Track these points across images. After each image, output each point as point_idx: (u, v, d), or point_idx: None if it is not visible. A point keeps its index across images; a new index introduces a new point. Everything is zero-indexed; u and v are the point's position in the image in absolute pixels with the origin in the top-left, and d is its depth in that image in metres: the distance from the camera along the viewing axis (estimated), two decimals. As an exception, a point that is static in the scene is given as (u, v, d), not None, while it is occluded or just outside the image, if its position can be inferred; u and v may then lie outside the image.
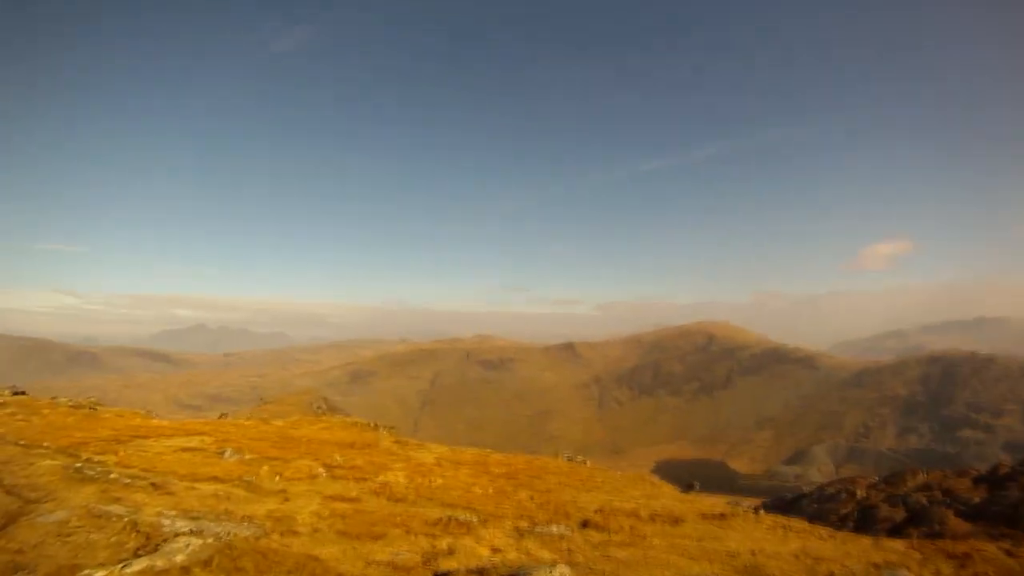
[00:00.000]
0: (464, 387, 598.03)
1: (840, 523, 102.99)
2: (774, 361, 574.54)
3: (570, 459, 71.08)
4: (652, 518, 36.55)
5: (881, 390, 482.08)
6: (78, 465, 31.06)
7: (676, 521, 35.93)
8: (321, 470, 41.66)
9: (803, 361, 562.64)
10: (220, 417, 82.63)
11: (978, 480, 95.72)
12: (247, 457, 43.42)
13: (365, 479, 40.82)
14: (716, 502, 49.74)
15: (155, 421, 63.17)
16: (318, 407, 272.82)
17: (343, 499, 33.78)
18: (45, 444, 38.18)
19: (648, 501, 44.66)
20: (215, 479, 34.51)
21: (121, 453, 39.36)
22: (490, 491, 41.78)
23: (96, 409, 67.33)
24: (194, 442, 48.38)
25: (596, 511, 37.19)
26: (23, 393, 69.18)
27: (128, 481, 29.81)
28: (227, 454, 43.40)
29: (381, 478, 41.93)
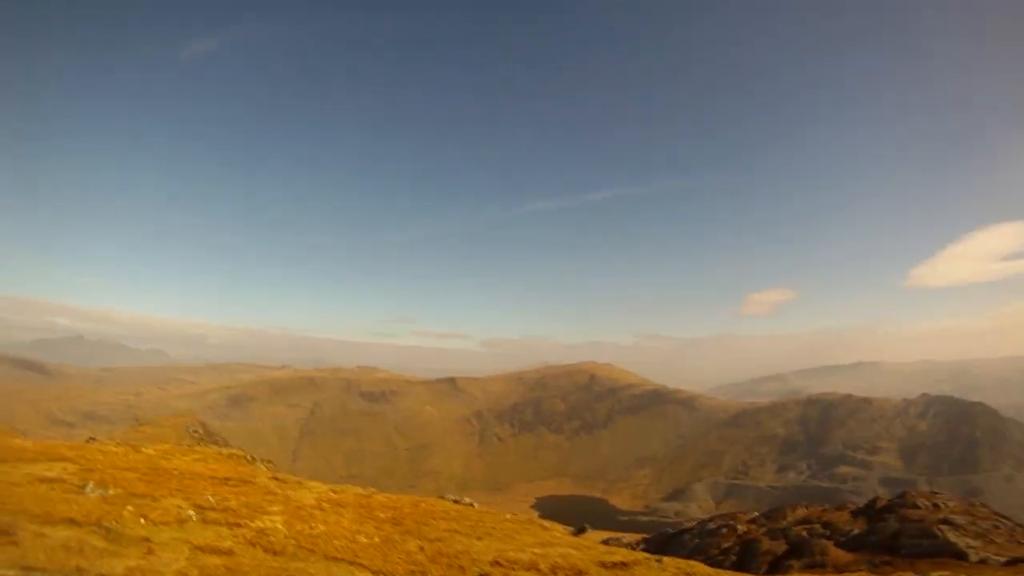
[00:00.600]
0: (344, 418, 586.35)
1: (723, 556, 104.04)
2: (655, 402, 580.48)
3: (457, 501, 66.97)
4: (553, 571, 33.24)
5: (760, 430, 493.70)
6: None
7: (579, 573, 32.67)
8: (191, 512, 36.84)
9: (683, 402, 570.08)
10: (88, 441, 75.61)
11: (856, 513, 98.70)
12: (111, 492, 37.87)
13: (240, 524, 36.35)
14: (612, 548, 46.59)
15: (18, 441, 56.59)
16: (195, 431, 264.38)
17: (215, 551, 29.80)
18: None
19: (545, 550, 41.52)
20: (71, 522, 29.40)
21: (-32, 485, 34.10)
22: (376, 540, 38.00)
23: None
24: (56, 470, 42.46)
25: (492, 563, 34.58)
26: None
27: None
28: (89, 488, 38.01)
29: (258, 524, 37.39)
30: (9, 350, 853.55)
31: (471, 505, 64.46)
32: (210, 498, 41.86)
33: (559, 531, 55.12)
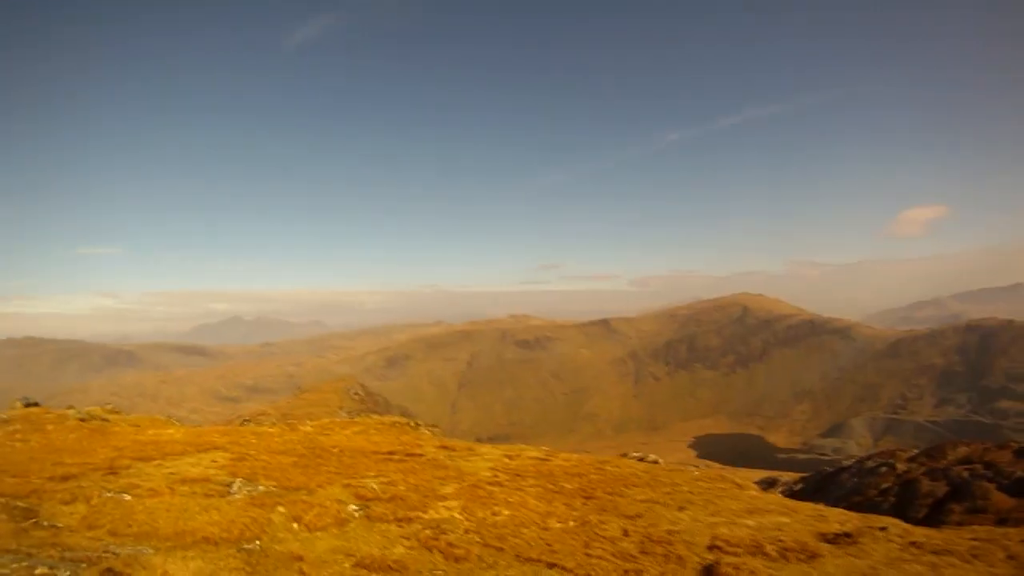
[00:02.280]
0: (500, 368, 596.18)
1: (881, 498, 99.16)
2: (810, 333, 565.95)
3: (641, 458, 64.18)
4: (783, 555, 30.07)
5: (918, 360, 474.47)
6: (17, 536, 23.75)
7: (811, 556, 29.44)
8: (353, 507, 32.15)
9: (839, 332, 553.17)
10: (243, 423, 75.40)
11: (1020, 453, 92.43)
12: (260, 489, 32.34)
13: (411, 519, 30.83)
14: (822, 511, 42.81)
15: (170, 431, 55.54)
16: (355, 393, 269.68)
17: (382, 567, 24.46)
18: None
19: (757, 520, 37.32)
20: (206, 542, 24.42)
21: (95, 501, 29.72)
22: (571, 524, 32.35)
23: (108, 420, 61.34)
24: (203, 464, 38.39)
25: (710, 547, 29.95)
26: (36, 404, 64.06)
27: (76, 563, 21.26)
28: (235, 487, 34.01)
29: (431, 514, 31.34)
30: (169, 340, 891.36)
31: (656, 462, 61.26)
32: (374, 486, 37.26)
33: (752, 489, 51.77)
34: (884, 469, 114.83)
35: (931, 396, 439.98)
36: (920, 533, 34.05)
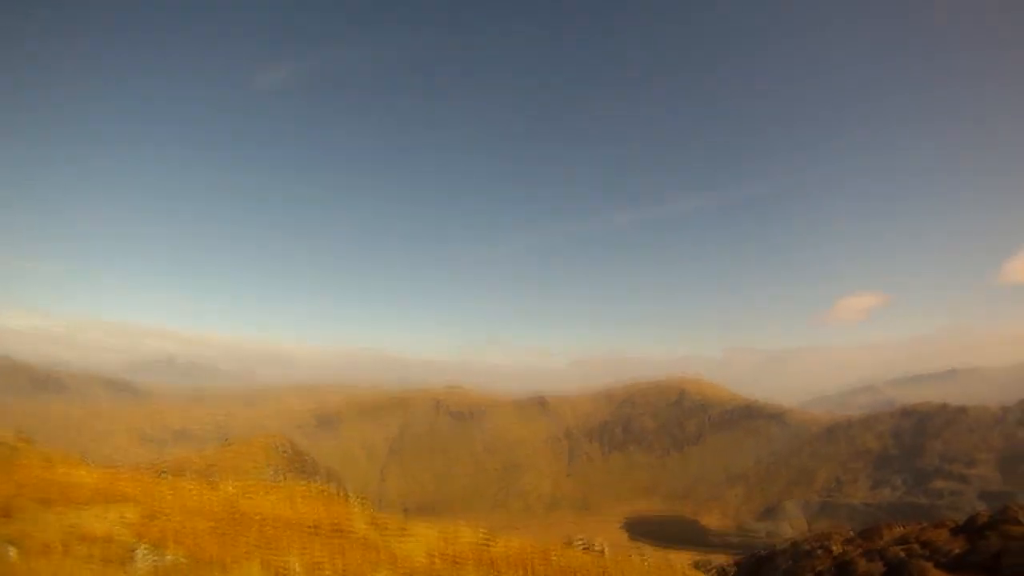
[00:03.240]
0: (433, 437, 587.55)
1: None
2: (745, 417, 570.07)
3: (586, 548, 60.38)
4: None
5: (853, 444, 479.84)
6: None
7: None
8: None
9: (774, 417, 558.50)
10: (160, 475, 69.85)
11: (956, 531, 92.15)
12: (167, 560, 26.22)
13: None
14: None
15: (82, 472, 50.14)
16: (284, 451, 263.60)
17: None
18: None
19: None
20: None
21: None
22: None
23: (18, 449, 56.18)
24: (110, 518, 33.70)
25: None
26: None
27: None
28: (139, 556, 27.75)
29: None
30: (101, 372, 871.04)
31: (602, 552, 57.77)
32: (297, 567, 31.78)
33: None
34: (819, 551, 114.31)
35: (866, 479, 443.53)
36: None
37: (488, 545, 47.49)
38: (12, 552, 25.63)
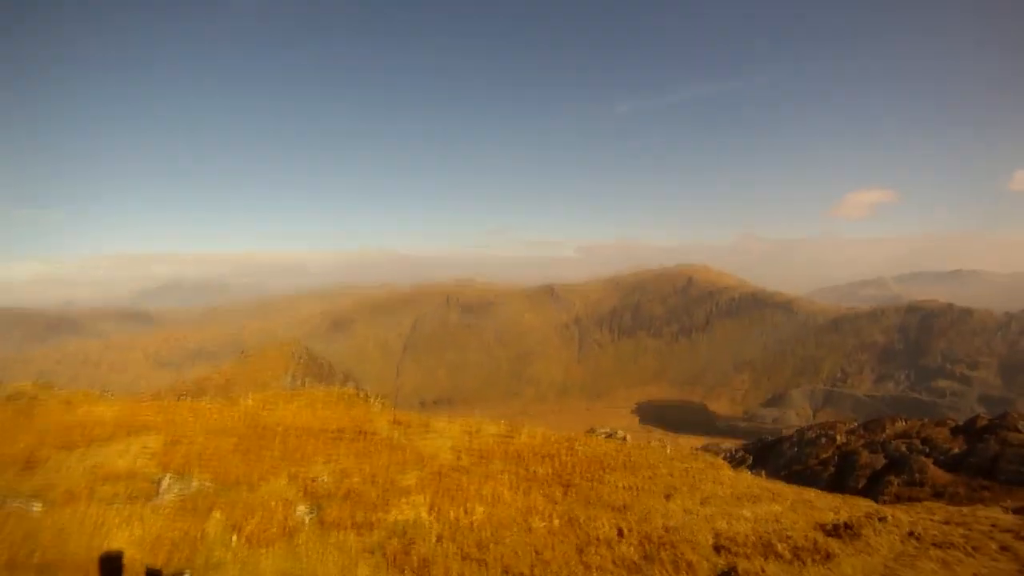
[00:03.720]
0: (445, 332, 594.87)
1: (821, 467, 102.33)
2: (753, 305, 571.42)
3: (609, 435, 61.21)
4: (796, 555, 26.78)
5: (859, 336, 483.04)
6: None
7: (827, 557, 26.39)
8: (303, 509, 26.23)
9: (782, 306, 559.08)
10: (179, 398, 69.65)
11: (956, 431, 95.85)
12: (194, 487, 26.14)
13: (372, 525, 22.94)
14: (808, 497, 40.50)
15: (102, 408, 50.48)
16: (299, 357, 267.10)
17: None
18: None
19: (752, 510, 34.18)
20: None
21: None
22: (555, 522, 28.33)
23: (38, 397, 56.86)
24: (132, 451, 33.01)
25: (717, 549, 26.92)
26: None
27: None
28: (164, 486, 28.29)
29: (394, 515, 25.75)
30: (112, 305, 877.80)
31: (624, 439, 58.37)
32: (325, 477, 30.90)
33: (726, 468, 49.15)
34: (824, 440, 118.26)
35: (871, 372, 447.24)
36: (906, 520, 32.28)
37: (512, 437, 48.00)
38: (37, 507, 25.77)
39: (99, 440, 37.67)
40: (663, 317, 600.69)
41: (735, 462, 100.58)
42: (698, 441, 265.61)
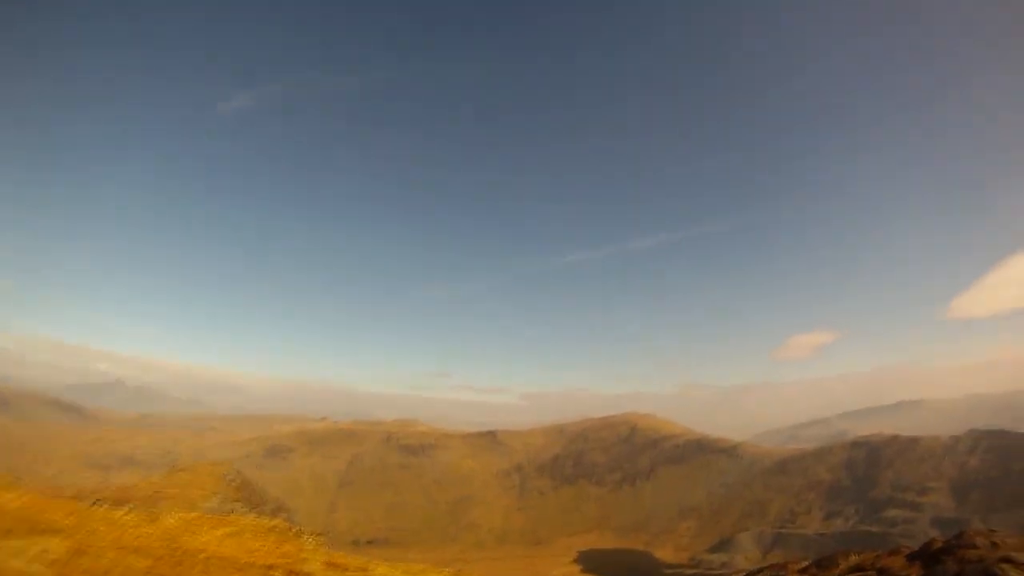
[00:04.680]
0: (383, 471, 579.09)
1: None
2: (697, 451, 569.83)
3: None
4: None
5: (806, 476, 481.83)
6: None
7: None
8: None
9: (726, 451, 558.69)
10: (93, 504, 62.27)
11: (912, 557, 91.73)
12: None
13: None
14: None
15: (9, 497, 43.99)
16: (231, 480, 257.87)
17: None
18: None
19: None
20: None
21: None
22: None
23: None
24: (30, 553, 26.66)
25: None
26: None
27: None
28: None
29: None
30: (49, 392, 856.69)
31: None
32: None
33: None
34: None
35: (819, 510, 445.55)
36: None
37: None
38: None
39: (-2, 533, 30.85)
40: (606, 465, 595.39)
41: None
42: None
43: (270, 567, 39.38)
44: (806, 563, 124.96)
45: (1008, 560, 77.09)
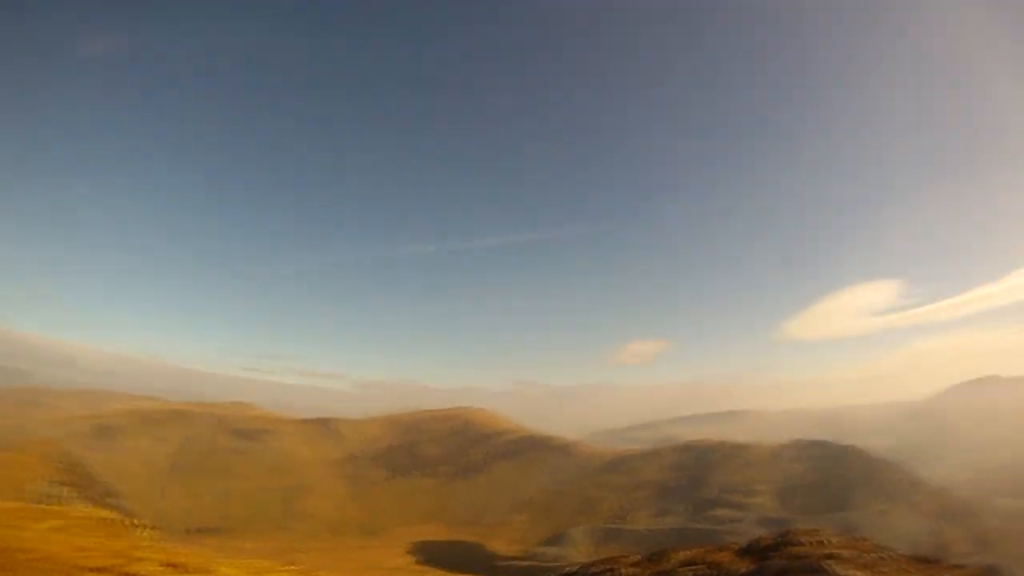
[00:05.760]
0: (216, 455, 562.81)
1: None
2: (531, 447, 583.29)
3: None
4: None
5: (636, 476, 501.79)
6: None
7: None
8: None
9: (560, 448, 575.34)
10: None
11: (741, 552, 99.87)
12: None
13: None
14: None
15: None
16: (59, 462, 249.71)
17: None
18: None
19: None
20: None
21: None
22: None
23: None
24: None
25: None
26: None
27: None
28: None
29: None
30: None
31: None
32: None
33: None
34: (608, 574, 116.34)
35: (650, 507, 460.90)
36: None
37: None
38: None
39: None
40: (440, 457, 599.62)
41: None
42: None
43: (101, 570, 36.37)
44: (638, 557, 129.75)
45: (832, 556, 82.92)
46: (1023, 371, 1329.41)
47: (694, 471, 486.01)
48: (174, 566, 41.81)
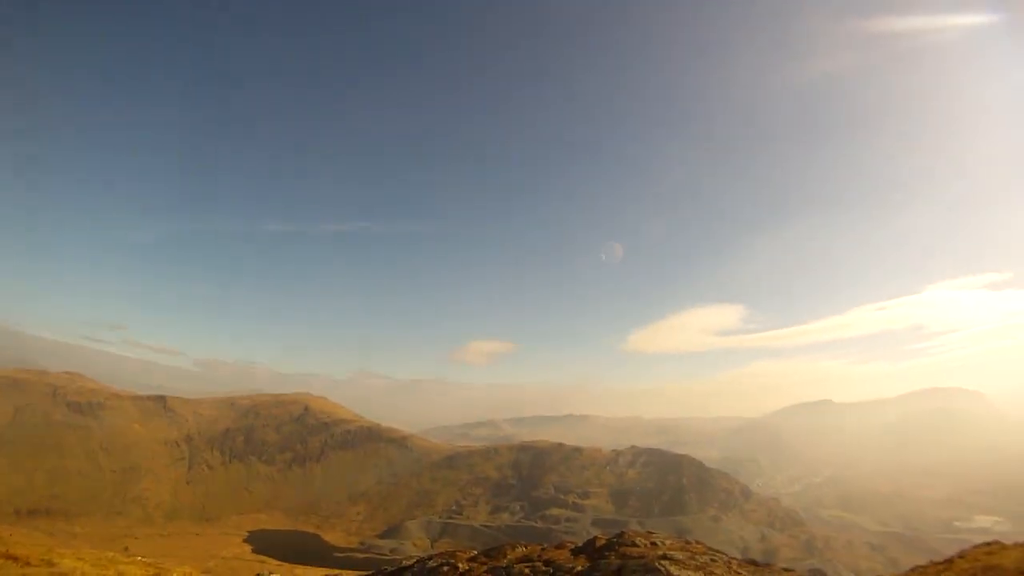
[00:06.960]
0: (48, 429, 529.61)
1: None
2: (369, 439, 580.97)
3: None
4: None
5: (473, 472, 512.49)
6: None
7: None
8: None
9: (397, 441, 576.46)
10: None
11: (577, 551, 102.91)
12: None
13: None
14: None
15: None
16: None
17: None
18: None
19: None
20: None
21: None
22: None
23: None
24: None
25: None
26: None
27: None
28: None
29: None
30: None
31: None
32: None
33: None
34: (446, 568, 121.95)
35: (486, 504, 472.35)
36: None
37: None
38: None
39: None
40: (277, 444, 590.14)
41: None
42: (319, 572, 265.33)
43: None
44: (475, 552, 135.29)
45: (667, 558, 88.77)
46: (854, 398, 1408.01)
47: (530, 470, 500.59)
48: (14, 559, 40.55)
